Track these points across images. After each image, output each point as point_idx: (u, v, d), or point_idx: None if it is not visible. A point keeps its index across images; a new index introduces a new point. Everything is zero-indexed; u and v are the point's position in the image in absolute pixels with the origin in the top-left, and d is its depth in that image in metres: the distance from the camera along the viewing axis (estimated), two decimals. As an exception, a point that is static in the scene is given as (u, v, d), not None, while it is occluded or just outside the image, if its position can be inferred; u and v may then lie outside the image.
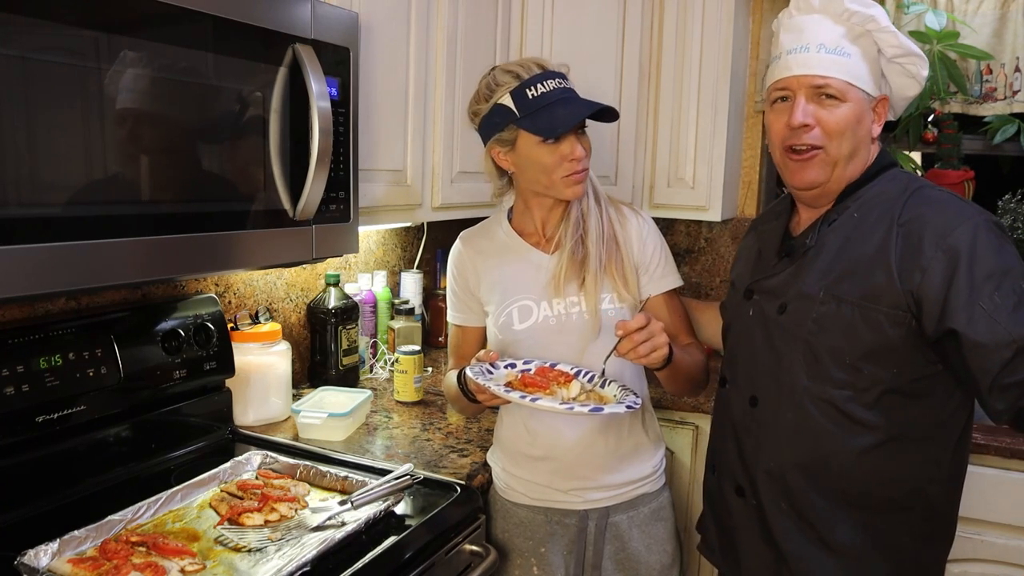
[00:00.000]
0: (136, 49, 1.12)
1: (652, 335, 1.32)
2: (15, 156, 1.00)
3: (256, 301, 1.93)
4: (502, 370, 1.46)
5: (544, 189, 1.50)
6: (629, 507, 1.55)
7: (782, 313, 1.30)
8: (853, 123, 1.25)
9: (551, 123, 1.42)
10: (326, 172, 1.41)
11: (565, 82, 1.46)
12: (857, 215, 1.27)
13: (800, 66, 1.27)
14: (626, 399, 1.37)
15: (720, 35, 2.33)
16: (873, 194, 1.28)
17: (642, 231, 1.55)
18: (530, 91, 1.43)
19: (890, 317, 1.19)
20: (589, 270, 1.49)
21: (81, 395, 1.37)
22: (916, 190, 1.25)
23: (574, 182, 1.47)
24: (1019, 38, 2.35)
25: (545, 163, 1.46)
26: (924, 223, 1.19)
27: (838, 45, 1.25)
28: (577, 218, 1.52)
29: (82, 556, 1.14)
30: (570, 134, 1.44)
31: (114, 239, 1.12)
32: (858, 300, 1.21)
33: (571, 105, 1.43)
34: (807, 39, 1.27)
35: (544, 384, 1.39)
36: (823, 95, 1.25)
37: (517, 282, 1.54)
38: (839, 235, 1.27)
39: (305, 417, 1.70)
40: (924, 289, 1.16)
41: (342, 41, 1.47)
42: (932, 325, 1.16)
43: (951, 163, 2.46)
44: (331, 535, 1.21)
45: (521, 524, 1.55)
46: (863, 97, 1.26)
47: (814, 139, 1.26)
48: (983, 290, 1.13)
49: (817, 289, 1.26)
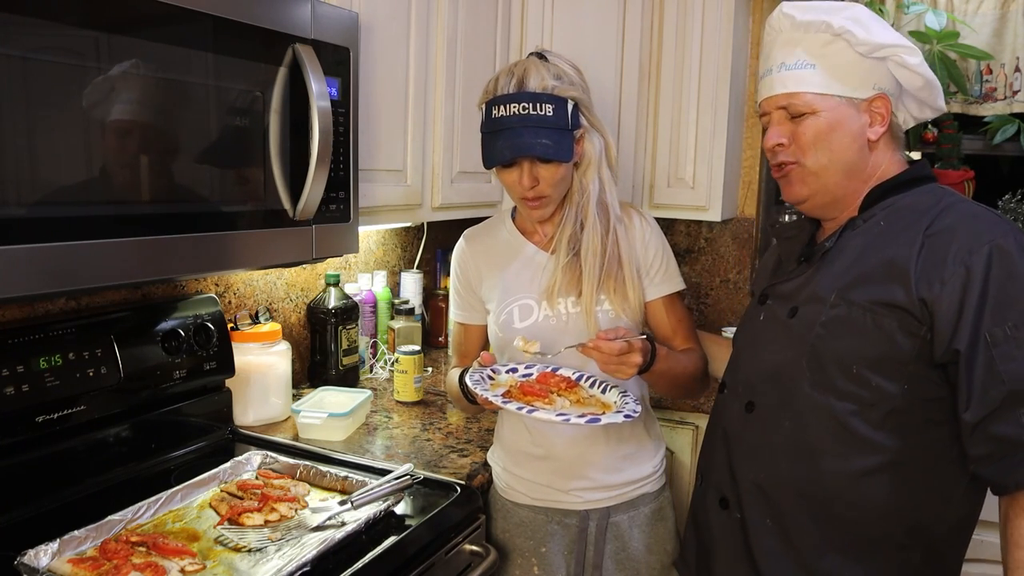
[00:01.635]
0: (136, 49, 1.12)
1: (624, 362, 1.34)
2: (15, 156, 1.00)
3: (256, 301, 1.93)
4: (504, 374, 1.46)
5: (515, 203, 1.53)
6: (630, 507, 1.54)
7: (792, 316, 1.25)
8: (827, 132, 1.22)
9: (490, 153, 1.45)
10: (326, 172, 1.41)
11: (532, 108, 1.40)
12: (884, 223, 1.21)
13: (766, 89, 1.28)
14: (625, 407, 1.36)
15: (720, 35, 2.32)
16: (904, 204, 1.22)
17: (644, 234, 1.55)
18: (494, 110, 1.43)
19: (903, 325, 1.13)
20: (584, 284, 1.48)
21: (81, 395, 1.37)
22: (951, 204, 1.19)
23: (529, 207, 1.49)
24: (1019, 38, 2.35)
25: (504, 182, 1.49)
26: (953, 235, 1.12)
27: (799, 60, 1.23)
28: (574, 229, 1.50)
29: (82, 556, 1.14)
30: (518, 163, 1.44)
31: (114, 239, 1.12)
32: (871, 305, 1.15)
33: (512, 139, 1.40)
34: (771, 61, 1.27)
35: (543, 392, 1.38)
36: (792, 114, 1.24)
37: (519, 281, 1.54)
38: (861, 240, 1.22)
39: (305, 417, 1.70)
40: (941, 302, 1.10)
41: (342, 41, 1.47)
42: (942, 342, 1.11)
43: (951, 163, 2.46)
44: (331, 535, 1.21)
45: (522, 524, 1.55)
46: (839, 103, 1.22)
47: (788, 155, 1.25)
48: (995, 318, 1.08)
49: (829, 292, 1.20)
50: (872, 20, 1.23)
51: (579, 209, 1.50)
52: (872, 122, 1.23)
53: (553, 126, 1.42)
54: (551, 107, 1.42)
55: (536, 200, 1.47)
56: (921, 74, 1.23)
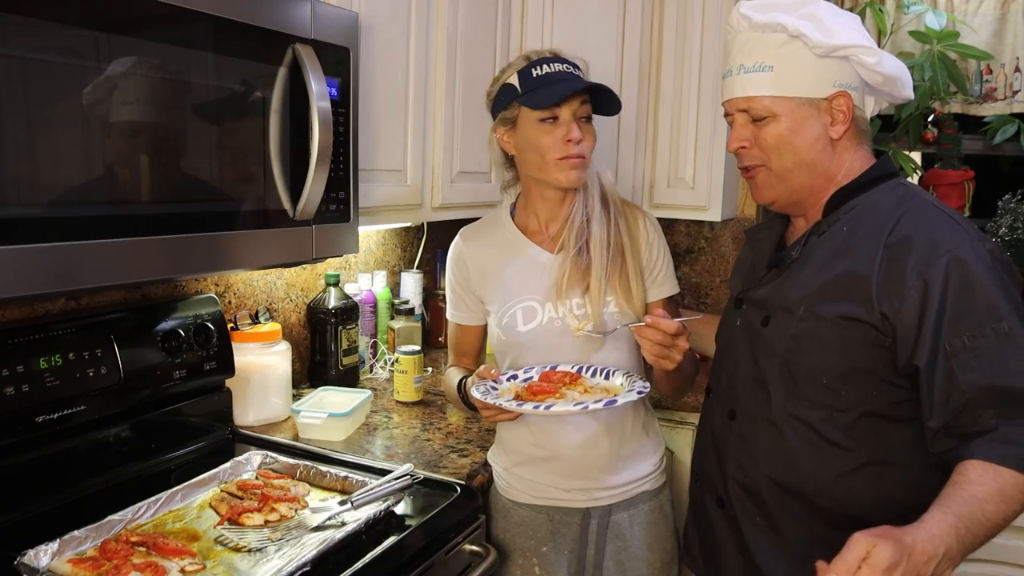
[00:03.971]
0: (136, 49, 1.12)
1: (675, 346, 1.32)
2: (15, 156, 1.00)
3: (256, 301, 1.93)
4: (505, 383, 1.45)
5: (540, 173, 1.48)
6: (630, 505, 1.54)
7: (765, 325, 1.28)
8: (789, 135, 1.22)
9: (547, 95, 1.42)
10: (326, 172, 1.41)
11: (575, 69, 1.46)
12: (847, 228, 1.22)
13: (727, 91, 1.28)
14: (635, 385, 1.37)
15: (720, 35, 2.32)
16: (866, 206, 1.23)
17: (648, 235, 1.54)
18: (535, 70, 1.43)
19: (868, 338, 1.15)
20: (593, 277, 1.47)
21: (81, 395, 1.37)
22: (910, 208, 1.19)
23: (569, 166, 1.45)
24: (1019, 38, 2.35)
25: (542, 143, 1.45)
26: (911, 247, 1.13)
27: (757, 62, 1.23)
28: (581, 222, 1.49)
29: (82, 556, 1.14)
30: (568, 116, 1.44)
31: (114, 239, 1.12)
32: (837, 319, 1.17)
33: (571, 82, 1.43)
34: (731, 62, 1.27)
35: (552, 389, 1.37)
36: (752, 117, 1.24)
37: (521, 282, 1.53)
38: (827, 249, 1.23)
39: (305, 417, 1.70)
40: (901, 316, 1.12)
41: (342, 41, 1.47)
42: (904, 355, 1.14)
43: (951, 163, 2.46)
44: (331, 535, 1.21)
45: (523, 523, 1.55)
46: (799, 104, 1.22)
47: (754, 158, 1.26)
48: (954, 329, 1.10)
49: (798, 304, 1.22)
50: (831, 17, 1.22)
51: (586, 203, 1.50)
52: (834, 120, 1.23)
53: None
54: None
55: (579, 158, 1.45)
56: (880, 72, 1.22)
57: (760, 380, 1.27)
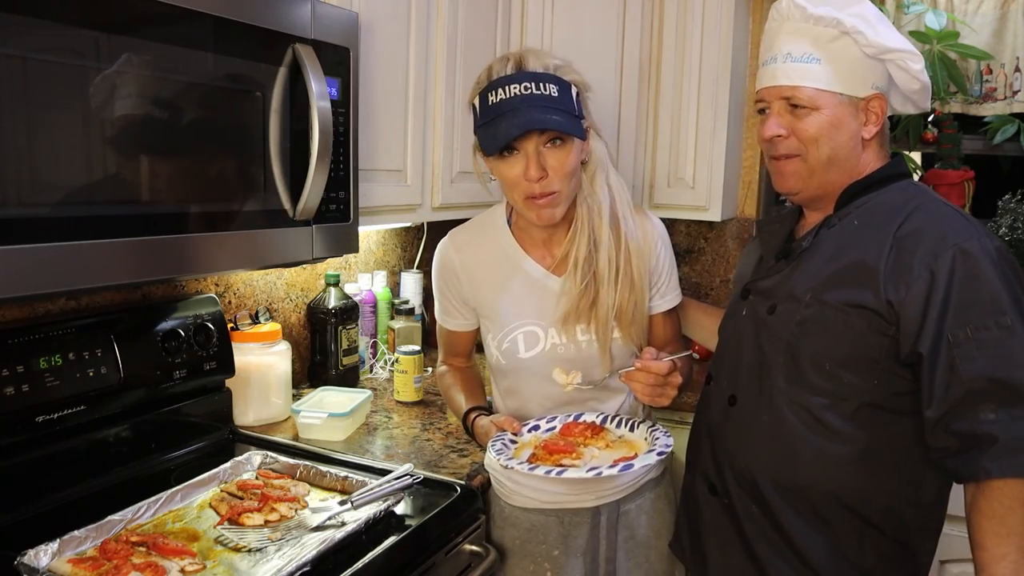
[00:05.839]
0: (136, 49, 1.12)
1: (668, 383, 1.31)
2: (15, 156, 1.00)
3: (256, 301, 1.93)
4: (526, 435, 1.43)
5: (517, 207, 1.38)
6: (637, 495, 1.52)
7: (771, 314, 1.29)
8: (828, 129, 1.24)
9: (490, 139, 1.30)
10: (326, 172, 1.40)
11: (535, 87, 1.29)
12: (858, 222, 1.24)
13: (769, 78, 1.28)
14: (656, 443, 1.36)
15: (720, 35, 2.32)
16: (878, 202, 1.25)
17: (654, 244, 1.49)
18: (491, 96, 1.30)
19: (872, 325, 1.17)
20: (599, 311, 1.40)
21: (81, 395, 1.37)
22: (921, 205, 1.22)
23: (536, 207, 1.33)
24: (1019, 38, 2.35)
25: (506, 178, 1.34)
26: (920, 238, 1.16)
27: (805, 52, 1.23)
28: (589, 252, 1.38)
29: (82, 556, 1.13)
30: (530, 147, 1.30)
31: (114, 239, 1.12)
32: (842, 306, 1.19)
33: (515, 118, 1.27)
34: (776, 49, 1.27)
35: (568, 448, 1.35)
36: (793, 105, 1.24)
37: (522, 305, 1.46)
38: (836, 240, 1.25)
39: (305, 417, 1.70)
40: (906, 305, 1.14)
41: (342, 41, 1.47)
42: (907, 343, 1.15)
43: (951, 163, 2.46)
44: (331, 535, 1.21)
45: (532, 529, 1.50)
46: (840, 101, 1.23)
47: (790, 147, 1.27)
48: (958, 320, 1.11)
49: (805, 292, 1.24)
50: (879, 20, 1.25)
51: (592, 226, 1.39)
52: (867, 121, 1.26)
53: (560, 107, 1.28)
54: (555, 88, 1.29)
55: (545, 197, 1.32)
56: (920, 79, 1.26)
57: (763, 366, 1.28)
